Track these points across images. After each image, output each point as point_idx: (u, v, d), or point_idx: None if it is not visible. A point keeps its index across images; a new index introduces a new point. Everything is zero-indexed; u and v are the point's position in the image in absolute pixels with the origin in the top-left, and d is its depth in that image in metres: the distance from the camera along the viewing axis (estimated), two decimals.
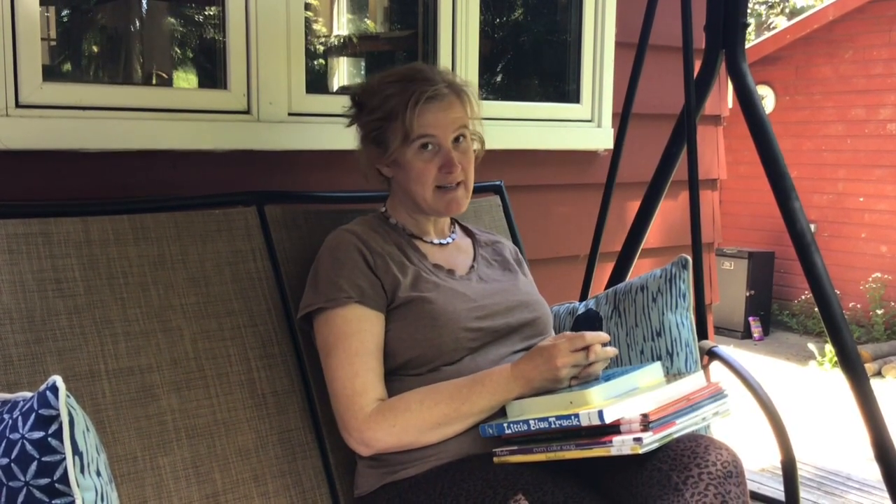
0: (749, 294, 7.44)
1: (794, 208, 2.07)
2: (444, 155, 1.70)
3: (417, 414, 1.56)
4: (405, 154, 1.70)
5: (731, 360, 1.94)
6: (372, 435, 1.56)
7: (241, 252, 1.80)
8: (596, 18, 2.91)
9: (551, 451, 1.45)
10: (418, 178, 1.71)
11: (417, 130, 1.68)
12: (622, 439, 1.37)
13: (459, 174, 1.72)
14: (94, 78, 2.43)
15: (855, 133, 7.55)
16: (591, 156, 2.94)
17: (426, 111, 1.68)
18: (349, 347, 1.61)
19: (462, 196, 1.75)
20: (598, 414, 1.38)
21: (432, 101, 1.69)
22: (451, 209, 1.75)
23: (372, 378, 1.61)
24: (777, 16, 15.01)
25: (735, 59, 2.20)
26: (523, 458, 1.48)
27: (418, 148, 1.70)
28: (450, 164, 1.70)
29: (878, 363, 6.37)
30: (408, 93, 1.68)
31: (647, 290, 1.93)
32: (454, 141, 1.72)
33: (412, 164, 1.71)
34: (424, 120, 1.68)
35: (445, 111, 1.70)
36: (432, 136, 1.70)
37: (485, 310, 1.69)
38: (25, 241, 1.56)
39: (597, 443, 1.40)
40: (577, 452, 1.42)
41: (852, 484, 3.95)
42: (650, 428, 1.37)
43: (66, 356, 1.52)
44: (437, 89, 1.69)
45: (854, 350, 2.03)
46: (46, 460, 1.09)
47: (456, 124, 1.72)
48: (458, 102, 1.73)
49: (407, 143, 1.69)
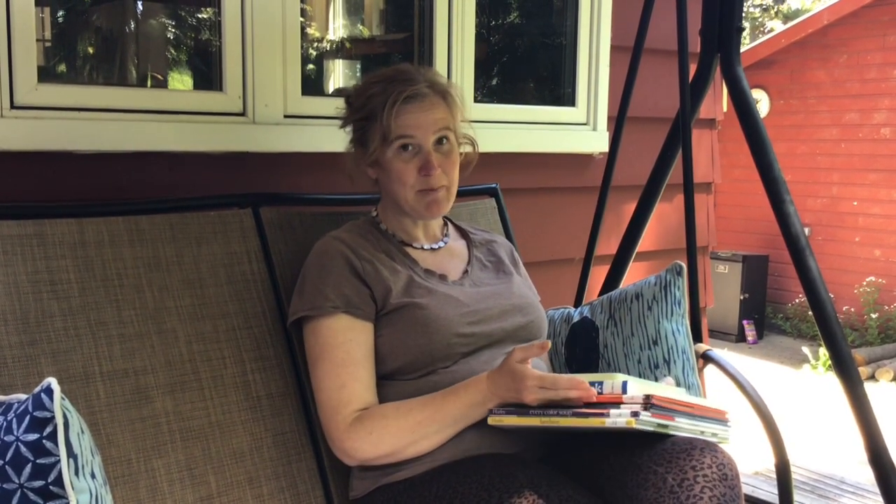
0: (743, 297, 7.46)
1: (789, 212, 2.07)
2: (424, 157, 1.68)
3: (393, 421, 1.56)
4: (385, 154, 1.69)
5: (725, 364, 1.94)
6: (351, 445, 1.57)
7: (236, 254, 1.79)
8: (591, 22, 2.92)
9: (547, 416, 1.46)
10: (398, 179, 1.70)
11: (395, 131, 1.66)
12: (619, 411, 1.39)
13: (440, 178, 1.70)
14: (89, 79, 2.43)
15: (849, 137, 7.58)
16: (586, 159, 2.95)
17: (405, 111, 1.66)
18: (335, 358, 1.61)
19: (444, 198, 1.72)
20: (623, 385, 1.42)
21: (411, 101, 1.67)
22: (431, 211, 1.73)
23: (359, 388, 1.60)
24: (771, 19, 15.06)
25: (730, 63, 2.21)
26: (518, 419, 1.49)
27: (397, 149, 1.68)
28: (428, 167, 1.67)
29: (871, 367, 6.39)
30: (387, 93, 1.67)
31: (642, 298, 1.92)
32: (437, 143, 1.70)
33: (392, 164, 1.69)
34: (403, 120, 1.66)
35: (426, 111, 1.68)
36: (411, 136, 1.68)
37: (478, 315, 1.69)
38: (20, 243, 1.56)
39: (593, 413, 1.42)
40: (573, 420, 1.44)
41: (846, 487, 3.96)
42: (649, 409, 1.39)
43: (61, 358, 1.52)
44: (416, 89, 1.67)
45: (848, 353, 2.04)
46: (41, 462, 1.09)
47: (437, 125, 1.69)
48: (442, 103, 1.71)
49: (386, 143, 1.68)
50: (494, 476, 1.43)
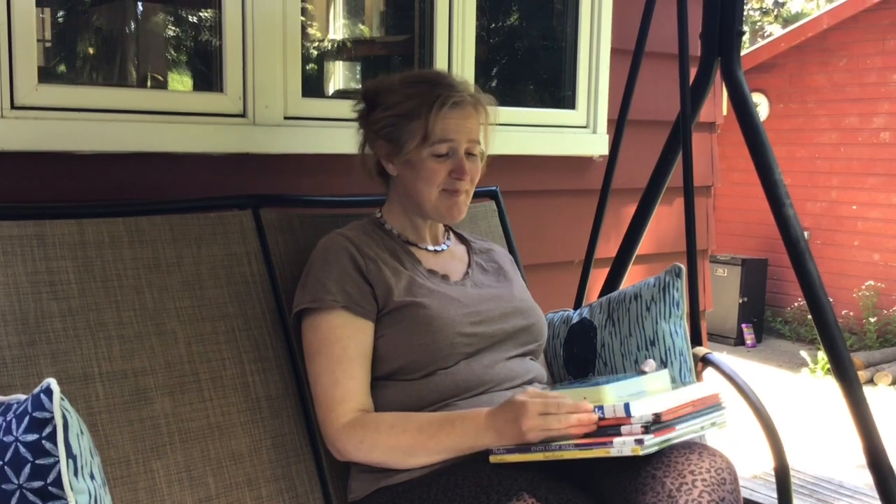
0: (742, 301, 7.46)
1: (789, 216, 2.07)
2: (457, 161, 1.71)
3: (385, 437, 1.56)
4: (420, 154, 1.71)
5: (724, 367, 1.94)
6: (342, 446, 1.59)
7: (236, 255, 1.79)
8: (592, 24, 2.92)
9: (550, 450, 1.43)
10: (428, 179, 1.71)
11: (440, 134, 1.69)
12: (623, 440, 1.37)
13: (467, 183, 1.73)
14: (89, 80, 2.42)
15: (848, 141, 7.58)
16: (586, 162, 2.95)
17: (450, 116, 1.69)
18: (332, 353, 1.62)
19: (464, 203, 1.76)
20: (625, 407, 1.38)
21: (457, 107, 1.70)
22: (452, 214, 1.75)
23: (353, 386, 1.61)
24: (771, 23, 15.07)
25: (730, 67, 2.21)
26: (521, 457, 1.47)
27: (435, 150, 1.70)
28: (460, 171, 1.71)
29: (870, 371, 6.39)
30: (433, 94, 1.69)
31: (640, 298, 1.93)
32: (467, 150, 1.73)
33: (425, 163, 1.71)
34: (447, 124, 1.69)
35: (465, 119, 1.72)
36: (452, 140, 1.70)
37: (479, 315, 1.69)
38: (20, 243, 1.55)
39: (597, 443, 1.40)
40: (576, 453, 1.41)
41: (844, 491, 3.96)
42: (651, 430, 1.38)
43: (60, 359, 1.51)
44: (462, 96, 1.71)
45: (847, 358, 2.03)
46: (40, 463, 1.09)
47: (471, 134, 1.73)
48: (475, 114, 1.75)
49: (425, 143, 1.69)
50: (493, 479, 1.43)
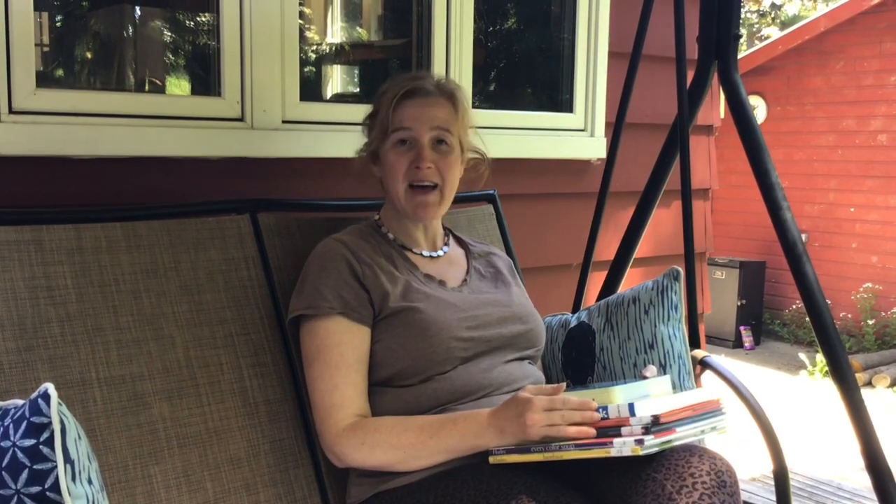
0: (740, 303, 7.46)
1: (786, 218, 2.08)
2: (418, 149, 1.69)
3: (386, 436, 1.55)
4: (384, 146, 1.72)
5: (723, 370, 1.94)
6: (341, 450, 1.58)
7: (234, 260, 1.79)
8: (589, 28, 2.92)
9: (550, 450, 1.44)
10: (392, 171, 1.71)
11: (396, 123, 1.69)
12: (623, 441, 1.38)
13: (432, 174, 1.69)
14: (87, 84, 2.42)
15: (846, 144, 7.59)
16: (584, 165, 2.95)
17: (405, 105, 1.69)
18: (329, 359, 1.61)
19: (434, 201, 1.72)
20: (629, 407, 1.39)
21: (413, 95, 1.70)
22: (418, 213, 1.72)
23: (351, 392, 1.61)
24: (768, 26, 15.09)
25: (727, 70, 2.21)
26: (520, 457, 1.47)
27: (395, 142, 1.70)
28: (419, 159, 1.68)
29: (868, 373, 6.39)
30: (395, 88, 1.70)
31: (639, 302, 1.93)
32: (436, 142, 1.71)
33: (388, 155, 1.71)
34: (401, 113, 1.69)
35: (426, 107, 1.70)
36: (408, 128, 1.69)
37: (476, 320, 1.69)
38: (17, 249, 1.55)
39: (597, 444, 1.40)
40: (576, 453, 1.42)
41: (843, 494, 3.96)
42: (651, 432, 1.38)
43: (58, 364, 1.51)
44: (419, 84, 1.70)
45: (845, 360, 2.04)
46: (38, 468, 1.09)
47: (435, 122, 1.70)
48: (446, 104, 1.73)
49: (384, 136, 1.70)
50: (493, 483, 1.43)
